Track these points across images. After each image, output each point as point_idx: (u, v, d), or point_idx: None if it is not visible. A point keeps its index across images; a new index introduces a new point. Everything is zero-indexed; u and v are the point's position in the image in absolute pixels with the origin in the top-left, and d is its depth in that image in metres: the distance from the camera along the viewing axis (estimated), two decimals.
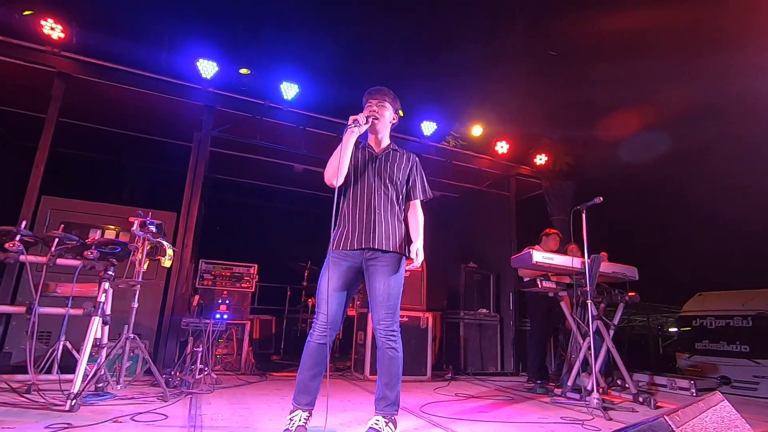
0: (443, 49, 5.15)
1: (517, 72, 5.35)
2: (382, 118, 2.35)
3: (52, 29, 3.90)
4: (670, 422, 0.75)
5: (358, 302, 5.16)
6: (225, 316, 4.01)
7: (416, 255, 2.33)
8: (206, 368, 3.48)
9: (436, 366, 4.88)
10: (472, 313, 5.39)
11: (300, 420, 2.06)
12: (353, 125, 2.19)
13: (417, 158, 2.49)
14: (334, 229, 2.24)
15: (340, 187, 2.19)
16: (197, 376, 3.35)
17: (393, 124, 2.46)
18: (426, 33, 5.05)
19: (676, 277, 7.27)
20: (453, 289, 5.66)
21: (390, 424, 2.12)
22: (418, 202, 2.45)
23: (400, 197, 2.35)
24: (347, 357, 5.35)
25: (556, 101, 5.64)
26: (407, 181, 2.40)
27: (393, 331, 2.19)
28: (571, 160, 6.42)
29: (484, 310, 5.54)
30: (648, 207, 7.04)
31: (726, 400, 1.09)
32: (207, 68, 4.42)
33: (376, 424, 2.09)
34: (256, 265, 4.60)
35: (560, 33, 4.82)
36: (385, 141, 2.43)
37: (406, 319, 4.53)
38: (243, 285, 4.48)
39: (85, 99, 4.54)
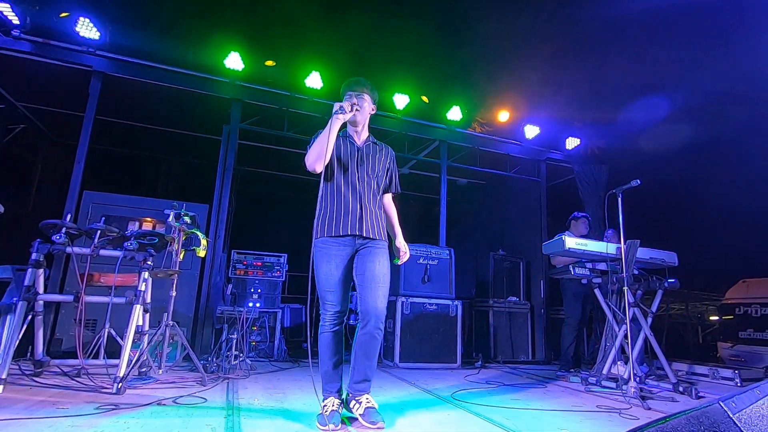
0: (467, 33, 5.03)
1: (546, 54, 5.17)
2: (363, 110, 2.37)
3: (88, 29, 4.04)
4: (726, 408, 0.72)
5: None
6: (257, 305, 4.11)
7: (405, 249, 2.46)
8: (241, 355, 3.59)
9: (466, 354, 4.86)
10: (501, 301, 5.32)
11: (333, 405, 2.11)
12: (339, 112, 2.20)
13: (393, 152, 2.51)
14: (317, 217, 2.26)
15: (324, 176, 2.24)
16: (233, 362, 3.46)
17: (371, 114, 2.47)
18: (449, 17, 4.94)
19: (716, 263, 6.94)
20: (482, 277, 5.60)
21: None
22: (390, 196, 2.50)
23: (380, 189, 2.38)
24: None
25: (588, 84, 5.42)
26: (385, 175, 2.42)
27: (384, 313, 2.24)
28: (604, 144, 6.19)
29: (514, 298, 5.46)
30: (686, 192, 6.72)
31: None
32: (233, 61, 4.47)
33: (369, 401, 2.17)
34: (286, 255, 4.68)
35: (592, 14, 4.62)
36: (365, 133, 2.45)
37: (435, 307, 4.52)
38: (274, 274, 4.57)
39: (120, 96, 4.70)
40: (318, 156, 2.18)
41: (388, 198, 2.49)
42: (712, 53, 4.67)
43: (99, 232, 2.87)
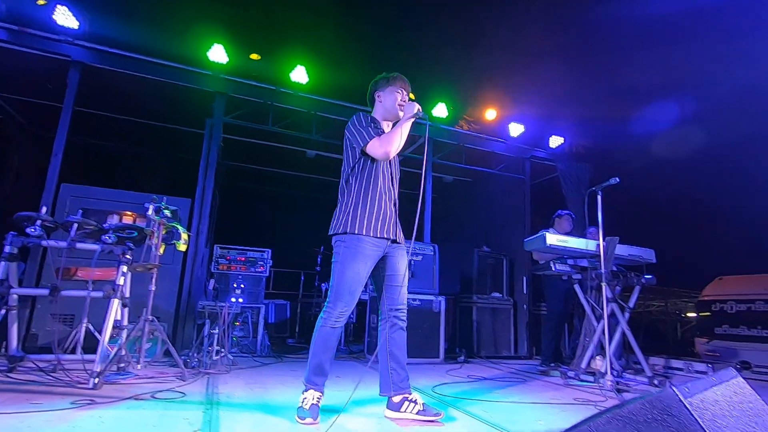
0: (455, 30, 5.05)
1: (532, 54, 5.22)
2: None
3: (66, 18, 3.94)
4: (678, 393, 0.74)
5: (371, 286, 5.20)
6: (240, 300, 4.09)
7: None
8: (223, 350, 3.56)
9: (449, 349, 4.90)
10: (485, 297, 5.38)
11: (313, 399, 2.11)
12: (420, 113, 2.25)
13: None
14: (353, 210, 2.20)
15: (360, 168, 2.24)
16: (214, 358, 3.44)
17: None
18: (436, 14, 4.95)
19: (695, 261, 7.11)
20: (466, 274, 5.65)
21: None
22: None
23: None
24: (360, 340, 5.42)
25: (573, 84, 5.50)
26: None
27: (406, 311, 2.33)
28: (587, 142, 6.29)
29: (498, 294, 5.52)
30: (667, 191, 6.87)
31: (740, 376, 1.07)
32: (217, 54, 4.41)
33: (419, 397, 2.21)
34: (269, 250, 4.66)
35: (578, 16, 4.68)
36: None
37: (418, 302, 4.55)
38: (257, 270, 4.55)
39: (100, 88, 4.61)
40: (397, 147, 2.19)
41: None
42: (694, 56, 4.78)
43: (76, 225, 2.82)
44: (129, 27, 4.27)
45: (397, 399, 2.20)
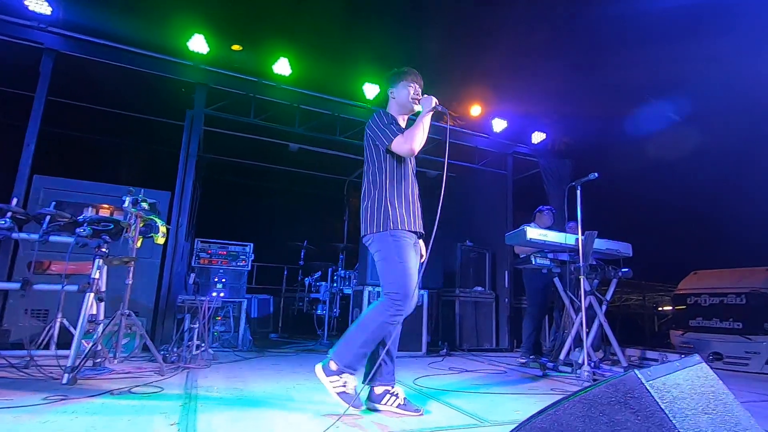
0: (438, 25, 5.05)
1: (515, 50, 5.26)
2: None
3: (39, 4, 3.81)
4: (640, 375, 0.77)
5: (355, 280, 5.20)
6: (221, 294, 4.04)
7: None
8: (203, 345, 3.52)
9: (432, 342, 4.94)
10: (467, 291, 5.43)
11: (354, 384, 2.10)
12: (439, 106, 2.26)
13: None
14: (391, 207, 2.21)
15: (388, 166, 2.25)
16: (194, 352, 3.40)
17: None
18: (420, 9, 4.94)
19: (672, 256, 7.31)
20: (449, 267, 5.69)
21: None
22: None
23: None
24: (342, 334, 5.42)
25: (555, 79, 5.56)
26: None
27: None
28: (569, 138, 6.38)
29: (480, 288, 5.58)
30: (645, 188, 7.03)
31: (704, 362, 1.11)
32: (198, 44, 4.33)
33: (399, 394, 2.22)
34: (251, 244, 4.61)
35: (560, 14, 4.73)
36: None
37: None
38: (239, 264, 4.50)
39: (75, 77, 4.48)
40: (421, 143, 2.19)
41: None
42: (676, 57, 4.89)
43: (49, 217, 2.74)
44: (106, 14, 4.15)
45: (379, 390, 2.21)
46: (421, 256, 2.40)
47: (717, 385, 0.98)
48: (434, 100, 2.26)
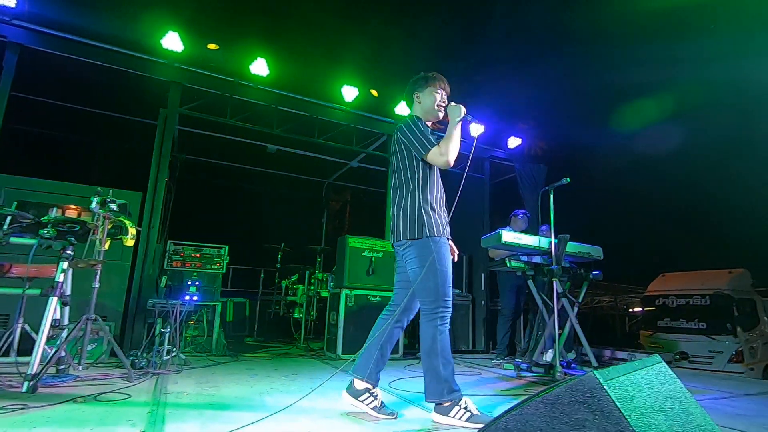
0: (417, 30, 5.10)
1: (492, 56, 5.36)
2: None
3: None
4: (598, 376, 0.79)
5: (332, 283, 5.17)
6: (194, 298, 3.95)
7: None
8: (174, 349, 3.43)
9: (409, 345, 4.95)
10: None
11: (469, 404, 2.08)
12: (468, 116, 2.25)
13: None
14: (431, 213, 2.25)
15: (422, 173, 2.26)
16: (165, 357, 3.31)
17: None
18: (402, 13, 4.98)
19: (642, 259, 7.56)
20: None
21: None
22: None
23: None
24: (319, 338, 5.38)
25: (532, 86, 5.69)
26: None
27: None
28: (544, 144, 6.52)
29: (457, 291, 5.63)
30: (616, 192, 7.26)
31: (664, 362, 1.14)
32: (172, 42, 4.24)
33: (378, 396, 2.24)
34: (226, 246, 4.53)
35: (540, 17, 4.84)
36: None
37: (379, 299, 4.57)
38: (213, 266, 4.41)
39: (41, 72, 4.32)
40: (455, 154, 2.19)
41: None
42: (650, 60, 5.07)
43: (9, 217, 2.62)
44: (75, 9, 4.03)
45: (360, 386, 2.19)
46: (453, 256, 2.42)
47: (674, 384, 1.02)
48: (462, 110, 2.26)
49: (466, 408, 2.06)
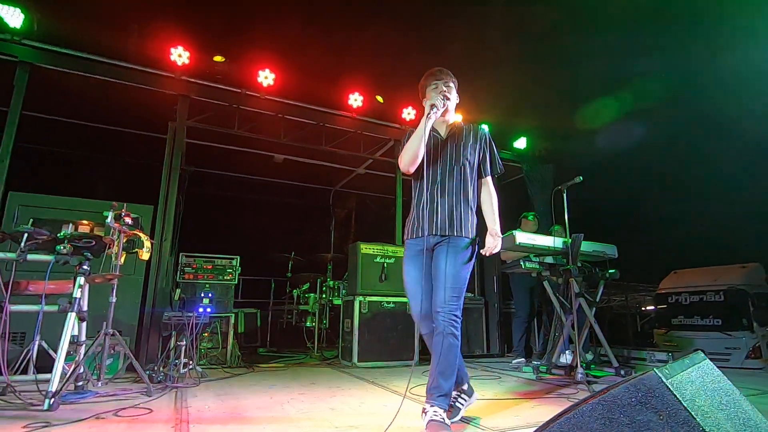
0: (422, 35, 5.12)
1: (495, 57, 5.37)
2: (451, 100, 2.24)
3: (12, 16, 3.70)
4: (660, 375, 0.77)
5: (344, 291, 5.14)
6: (208, 309, 3.94)
7: (494, 240, 2.36)
8: (191, 362, 3.42)
9: (424, 351, 4.90)
10: None
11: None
12: (432, 112, 2.08)
13: (486, 131, 2.39)
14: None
15: (414, 174, 2.20)
16: (182, 371, 3.29)
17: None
18: (403, 19, 5.00)
19: (653, 256, 7.49)
20: None
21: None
22: (489, 179, 2.38)
23: (468, 178, 2.25)
24: (333, 346, 5.35)
25: (536, 86, 5.69)
26: (478, 158, 2.31)
27: (456, 315, 2.11)
28: (550, 144, 6.51)
29: (470, 294, 5.59)
30: (624, 190, 7.22)
31: (708, 358, 1.12)
32: (180, 56, 4.27)
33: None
34: (238, 257, 4.52)
35: (540, 17, 4.85)
36: (452, 118, 2.37)
37: (392, 305, 4.54)
38: (226, 278, 4.40)
39: (51, 90, 4.35)
40: (411, 158, 2.09)
41: (485, 182, 2.38)
42: (654, 61, 5.06)
43: (26, 235, 2.63)
44: (83, 26, 4.07)
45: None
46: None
47: (723, 381, 0.99)
48: (428, 105, 2.12)
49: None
